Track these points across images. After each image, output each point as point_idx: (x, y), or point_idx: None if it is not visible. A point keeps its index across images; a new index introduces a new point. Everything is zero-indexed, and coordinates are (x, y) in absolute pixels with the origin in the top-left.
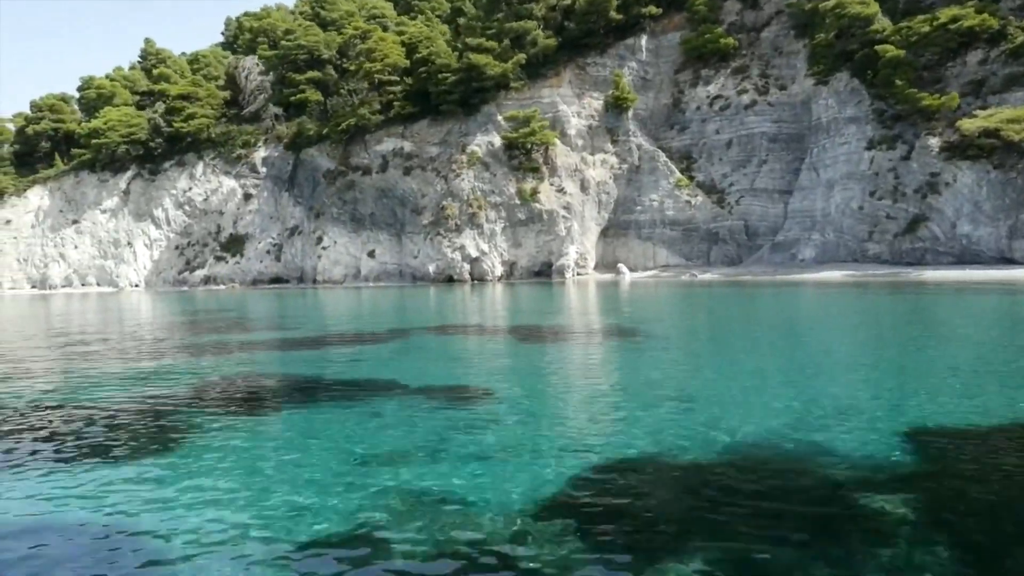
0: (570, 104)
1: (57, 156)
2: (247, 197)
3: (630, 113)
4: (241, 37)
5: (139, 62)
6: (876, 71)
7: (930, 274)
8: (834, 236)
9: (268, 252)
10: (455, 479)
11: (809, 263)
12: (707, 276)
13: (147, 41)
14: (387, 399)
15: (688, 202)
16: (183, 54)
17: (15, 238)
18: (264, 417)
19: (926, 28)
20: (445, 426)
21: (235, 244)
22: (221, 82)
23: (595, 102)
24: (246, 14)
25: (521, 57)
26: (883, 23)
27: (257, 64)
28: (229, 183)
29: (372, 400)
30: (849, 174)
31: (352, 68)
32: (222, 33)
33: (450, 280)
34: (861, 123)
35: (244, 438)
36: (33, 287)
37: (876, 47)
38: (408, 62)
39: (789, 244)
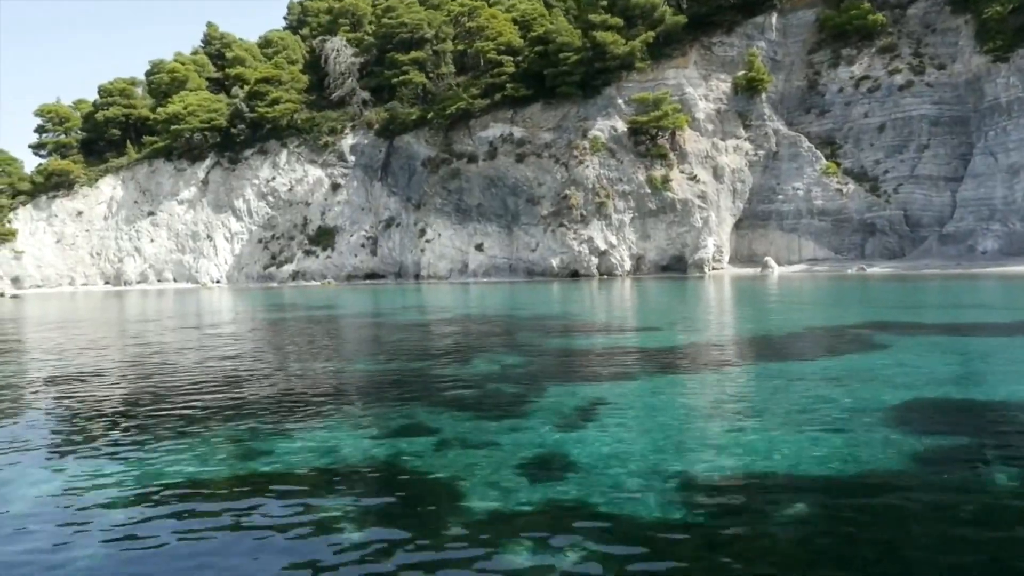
0: (696, 86)
1: (128, 144)
2: (335, 187)
3: (763, 96)
4: (315, 19)
5: (202, 47)
6: None
7: None
8: (1021, 226)
9: (362, 246)
10: None
11: (993, 255)
12: (875, 270)
13: (210, 25)
14: None
15: (839, 190)
16: (241, 40)
17: (87, 231)
18: None
19: None
20: None
21: (325, 237)
22: (299, 66)
23: (723, 84)
24: None
25: (649, 35)
26: None
27: (346, 45)
28: (315, 172)
29: None
30: None
31: (461, 47)
32: (284, 17)
33: (575, 275)
34: None
35: None
36: (106, 283)
37: None
38: (522, 41)
39: (962, 235)
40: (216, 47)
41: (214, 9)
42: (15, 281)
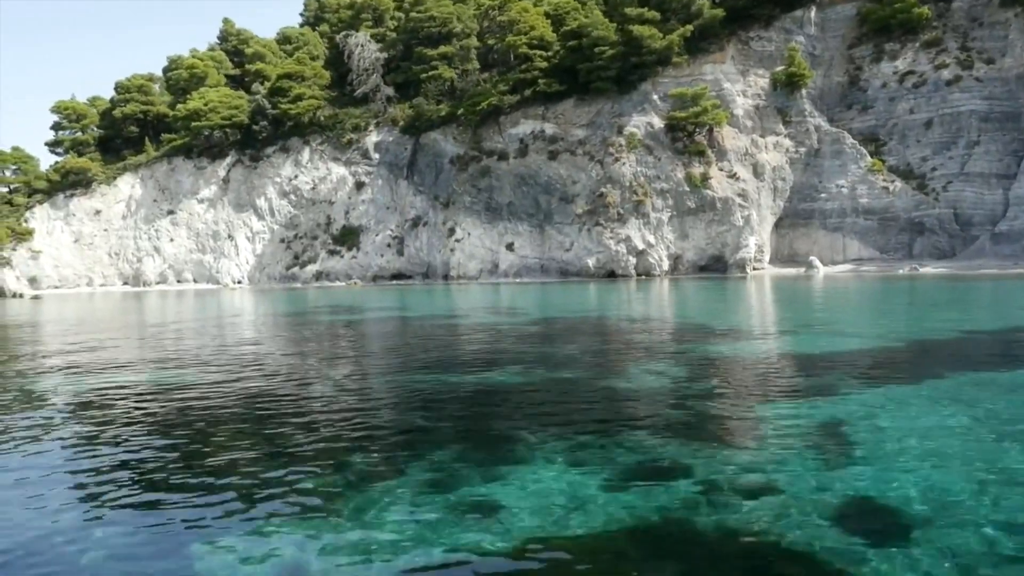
0: (734, 82)
1: (147, 141)
2: (359, 185)
3: (803, 92)
4: (334, 15)
5: (218, 43)
6: None
7: None
8: None
9: (388, 245)
10: None
11: None
12: (928, 270)
13: (226, 21)
14: None
15: (885, 188)
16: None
17: (105, 230)
18: None
19: None
20: None
21: (349, 237)
22: (321, 62)
23: (760, 80)
24: None
25: (688, 29)
26: None
27: (370, 40)
28: (339, 170)
29: None
30: None
31: (491, 42)
32: (301, 14)
33: (611, 275)
34: None
35: None
36: (125, 283)
37: None
38: (554, 35)
39: (1017, 234)
40: (233, 43)
41: (225, 6)
42: (32, 281)
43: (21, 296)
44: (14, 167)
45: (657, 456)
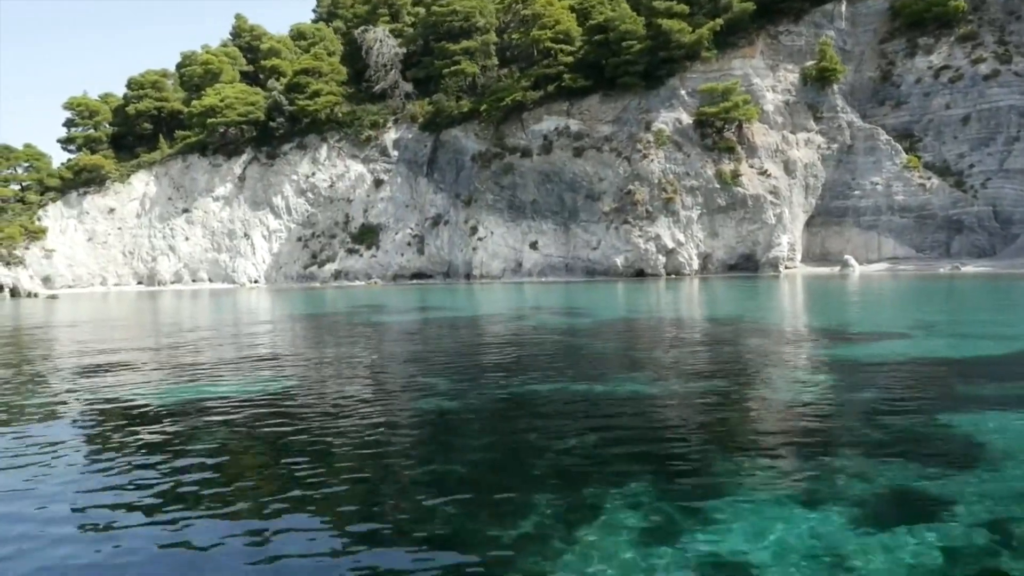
0: (764, 77)
1: (161, 138)
2: (378, 183)
3: (835, 87)
4: (349, 11)
5: (231, 40)
6: None
7: None
8: None
9: (408, 244)
10: None
11: None
12: (970, 269)
13: (239, 17)
14: None
15: (922, 185)
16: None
17: (119, 229)
18: None
19: None
20: None
21: (368, 235)
22: (337, 57)
23: (790, 75)
24: None
25: (717, 23)
26: None
27: (388, 36)
28: (357, 168)
29: None
30: None
31: (515, 36)
32: (314, 10)
33: (640, 274)
34: None
35: None
36: (139, 283)
37: None
38: (579, 29)
39: None
40: (246, 39)
41: (232, 4)
42: (46, 281)
43: (36, 296)
44: (26, 164)
45: (894, 485)
